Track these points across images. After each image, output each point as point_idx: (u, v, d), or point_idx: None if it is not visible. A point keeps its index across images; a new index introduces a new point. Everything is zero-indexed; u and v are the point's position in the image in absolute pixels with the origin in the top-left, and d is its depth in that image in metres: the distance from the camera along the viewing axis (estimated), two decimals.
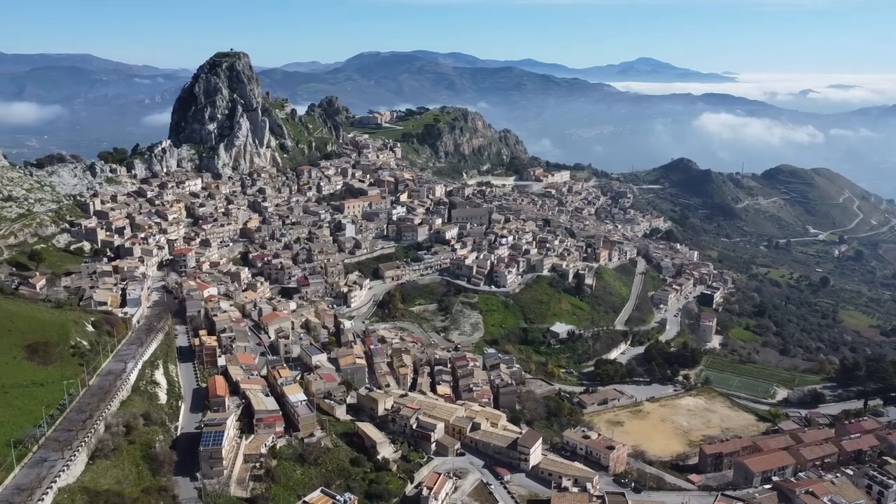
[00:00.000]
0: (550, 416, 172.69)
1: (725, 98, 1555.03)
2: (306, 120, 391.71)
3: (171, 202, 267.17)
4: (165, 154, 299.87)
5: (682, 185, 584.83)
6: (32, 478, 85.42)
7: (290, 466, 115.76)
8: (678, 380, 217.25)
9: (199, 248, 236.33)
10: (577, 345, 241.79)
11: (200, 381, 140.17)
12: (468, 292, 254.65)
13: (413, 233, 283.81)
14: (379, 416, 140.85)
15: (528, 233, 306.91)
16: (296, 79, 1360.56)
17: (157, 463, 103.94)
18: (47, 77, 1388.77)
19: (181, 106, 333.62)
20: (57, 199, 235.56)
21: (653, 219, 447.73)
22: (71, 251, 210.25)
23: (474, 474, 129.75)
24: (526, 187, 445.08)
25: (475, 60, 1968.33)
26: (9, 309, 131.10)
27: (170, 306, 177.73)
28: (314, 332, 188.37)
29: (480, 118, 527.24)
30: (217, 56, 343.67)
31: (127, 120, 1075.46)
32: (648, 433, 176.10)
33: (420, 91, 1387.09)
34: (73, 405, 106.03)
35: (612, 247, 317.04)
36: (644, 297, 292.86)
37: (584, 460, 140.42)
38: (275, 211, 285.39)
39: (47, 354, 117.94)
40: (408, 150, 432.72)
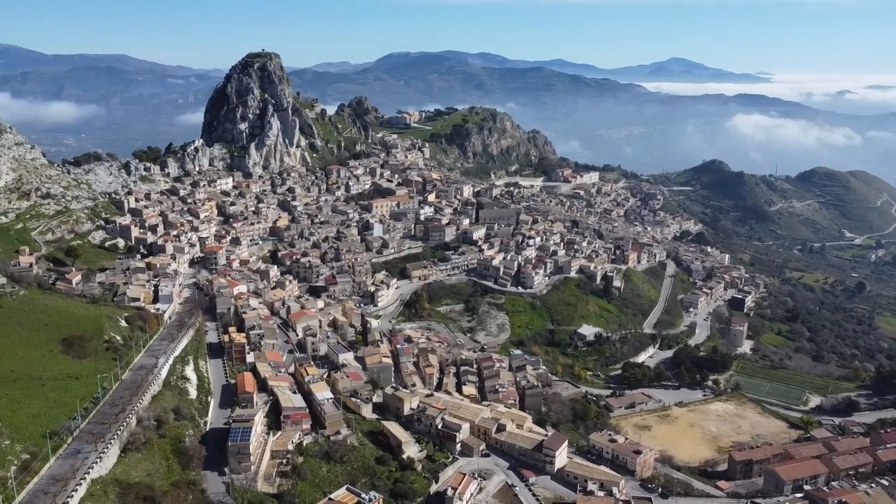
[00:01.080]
0: (576, 419, 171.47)
1: (759, 99, 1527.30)
2: (336, 120, 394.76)
3: (203, 200, 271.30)
4: (198, 153, 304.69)
5: (713, 187, 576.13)
6: (67, 469, 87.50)
7: (316, 464, 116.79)
8: (707, 385, 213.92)
9: (230, 246, 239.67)
10: (605, 347, 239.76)
11: (229, 377, 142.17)
12: (495, 293, 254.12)
13: (440, 233, 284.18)
14: (404, 416, 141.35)
15: (556, 234, 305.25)
16: (326, 79, 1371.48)
17: (186, 457, 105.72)
18: (85, 77, 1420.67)
19: (213, 106, 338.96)
20: (93, 196, 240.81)
21: (683, 221, 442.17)
22: (106, 248, 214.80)
23: (499, 476, 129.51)
24: (554, 188, 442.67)
25: (504, 61, 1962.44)
26: (46, 303, 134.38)
27: (200, 303, 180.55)
28: (341, 330, 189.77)
29: (509, 119, 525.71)
30: (249, 56, 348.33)
31: (161, 119, 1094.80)
32: (676, 438, 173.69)
33: (449, 91, 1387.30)
34: (107, 399, 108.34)
35: (641, 249, 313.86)
36: (673, 301, 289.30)
37: (610, 464, 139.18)
38: (304, 210, 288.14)
39: (82, 348, 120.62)
40: (436, 150, 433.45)
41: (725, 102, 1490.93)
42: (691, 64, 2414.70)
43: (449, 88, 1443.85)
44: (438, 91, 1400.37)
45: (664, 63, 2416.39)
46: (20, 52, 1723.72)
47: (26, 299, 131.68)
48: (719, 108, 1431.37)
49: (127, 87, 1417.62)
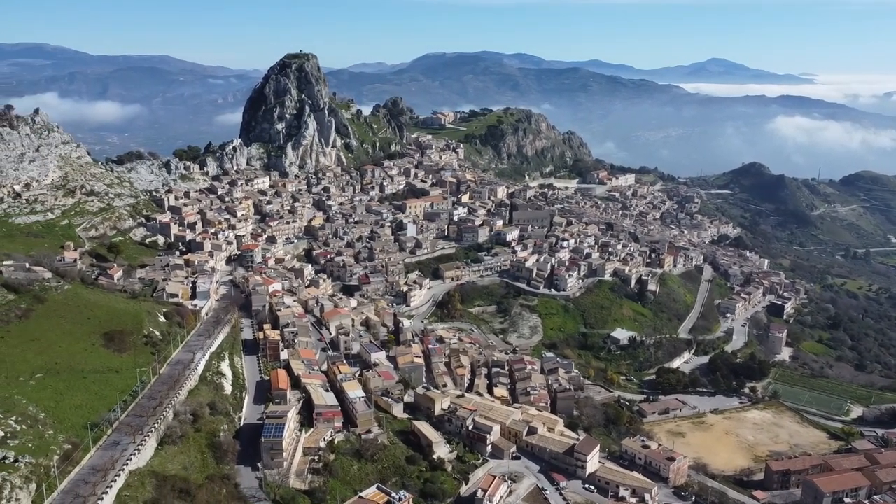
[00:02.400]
0: (609, 424, 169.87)
1: (802, 100, 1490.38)
2: (371, 120, 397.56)
3: (240, 199, 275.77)
4: (236, 152, 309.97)
5: (753, 190, 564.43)
6: (106, 460, 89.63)
7: (348, 461, 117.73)
8: (744, 392, 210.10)
9: (266, 245, 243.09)
10: (639, 352, 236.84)
11: (264, 373, 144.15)
12: (528, 295, 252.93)
13: (473, 234, 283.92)
14: (435, 416, 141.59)
15: (591, 236, 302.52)
16: (362, 79, 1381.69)
17: (220, 451, 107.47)
18: (129, 77, 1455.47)
19: (252, 106, 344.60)
20: (135, 194, 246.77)
21: (721, 225, 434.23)
22: (146, 244, 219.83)
23: (529, 479, 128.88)
24: (589, 190, 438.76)
25: (540, 61, 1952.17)
26: (89, 298, 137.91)
27: (236, 300, 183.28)
28: (374, 329, 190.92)
29: (544, 120, 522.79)
30: (287, 57, 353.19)
31: (201, 119, 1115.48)
32: (711, 446, 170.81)
33: (484, 92, 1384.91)
34: (145, 392, 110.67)
35: (678, 252, 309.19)
36: (710, 306, 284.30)
37: (642, 470, 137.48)
38: (338, 209, 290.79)
39: (122, 342, 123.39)
40: (470, 151, 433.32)
41: (766, 104, 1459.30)
42: (732, 65, 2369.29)
43: (484, 89, 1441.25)
44: (473, 92, 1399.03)
45: (704, 64, 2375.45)
46: (68, 53, 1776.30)
47: (70, 294, 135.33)
48: (760, 110, 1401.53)
49: (169, 87, 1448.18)
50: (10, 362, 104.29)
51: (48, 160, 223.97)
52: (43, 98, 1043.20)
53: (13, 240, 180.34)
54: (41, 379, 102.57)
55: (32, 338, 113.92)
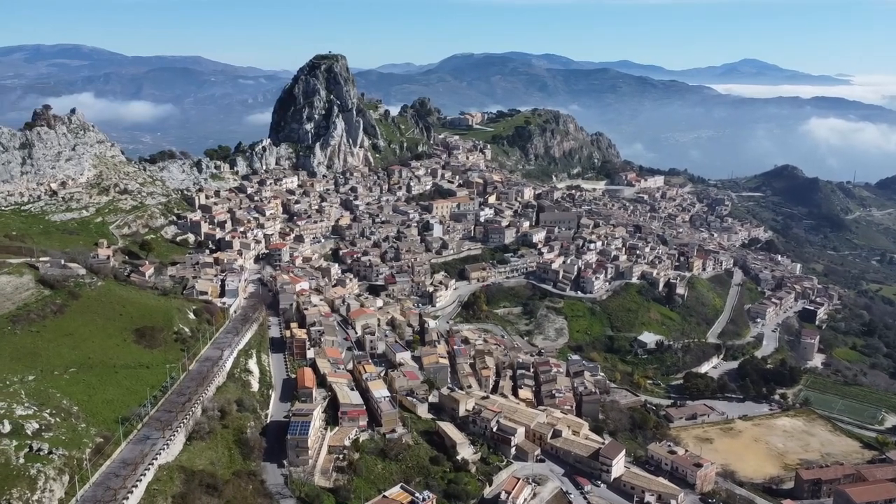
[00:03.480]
0: (635, 428, 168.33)
1: (837, 102, 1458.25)
2: (399, 120, 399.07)
3: (269, 198, 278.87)
4: (265, 152, 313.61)
5: (785, 193, 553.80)
6: (136, 454, 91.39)
7: (372, 460, 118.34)
8: (774, 399, 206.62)
9: (293, 244, 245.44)
10: (666, 356, 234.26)
11: (290, 371, 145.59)
12: (554, 297, 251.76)
13: (500, 235, 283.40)
14: (460, 417, 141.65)
15: (618, 239, 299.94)
16: (390, 80, 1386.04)
17: (247, 448, 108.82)
18: (162, 78, 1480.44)
19: (281, 106, 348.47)
20: (166, 192, 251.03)
21: (752, 228, 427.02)
22: (177, 242, 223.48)
23: (554, 482, 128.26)
24: (617, 192, 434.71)
25: (569, 62, 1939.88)
26: (121, 295, 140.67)
27: (264, 298, 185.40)
28: (399, 329, 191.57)
29: (572, 121, 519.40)
30: (316, 58, 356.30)
31: (231, 119, 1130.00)
32: (740, 453, 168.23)
33: (512, 93, 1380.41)
34: (174, 388, 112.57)
35: (707, 256, 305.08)
36: (740, 310, 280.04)
37: (668, 476, 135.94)
38: (365, 209, 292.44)
39: (153, 339, 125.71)
40: (497, 151, 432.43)
41: (800, 105, 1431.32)
42: (765, 65, 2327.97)
43: (512, 90, 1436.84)
44: (501, 92, 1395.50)
45: (736, 64, 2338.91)
46: (104, 54, 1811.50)
47: (103, 290, 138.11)
48: (793, 112, 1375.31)
49: (200, 87, 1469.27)
50: (45, 356, 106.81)
51: (84, 159, 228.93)
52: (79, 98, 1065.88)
53: (49, 237, 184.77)
54: (75, 373, 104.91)
55: (67, 333, 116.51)
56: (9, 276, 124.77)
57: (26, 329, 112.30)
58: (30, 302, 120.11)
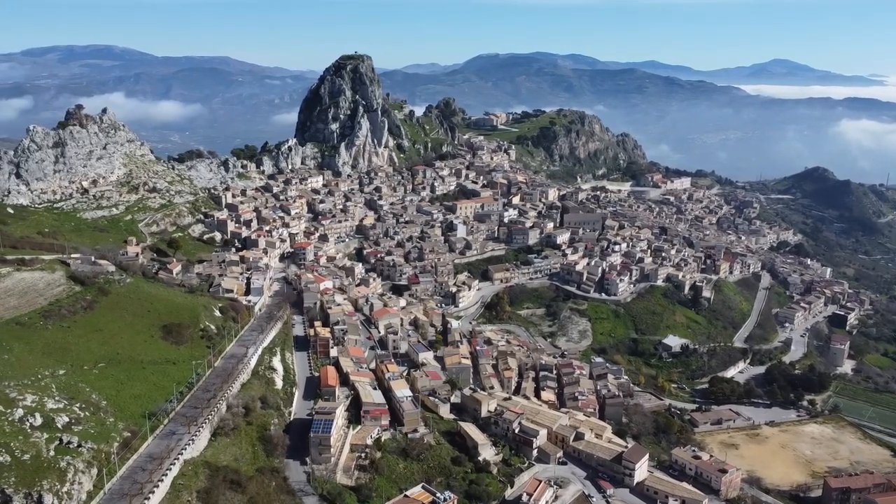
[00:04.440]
0: (658, 432, 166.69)
1: (871, 103, 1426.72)
2: (423, 121, 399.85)
3: (294, 198, 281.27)
4: (291, 152, 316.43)
5: (815, 195, 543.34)
6: (162, 448, 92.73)
7: (394, 459, 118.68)
8: (802, 405, 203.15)
9: (318, 243, 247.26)
10: (691, 360, 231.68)
11: (313, 370, 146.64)
12: (577, 298, 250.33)
13: (524, 236, 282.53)
14: (482, 418, 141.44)
15: (643, 240, 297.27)
16: (415, 80, 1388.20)
17: (271, 445, 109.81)
18: (191, 78, 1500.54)
19: (307, 106, 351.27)
20: (194, 191, 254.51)
21: (781, 231, 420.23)
22: (204, 240, 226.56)
23: (576, 485, 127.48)
24: (643, 193, 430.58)
25: (595, 62, 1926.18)
26: (149, 291, 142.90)
27: (289, 297, 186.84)
28: (422, 329, 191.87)
29: (598, 121, 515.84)
30: (342, 59, 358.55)
31: (258, 119, 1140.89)
32: (766, 459, 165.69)
33: (537, 93, 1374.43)
34: (200, 384, 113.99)
35: (734, 259, 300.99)
36: (767, 314, 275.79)
37: (692, 481, 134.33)
38: (389, 209, 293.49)
39: (180, 335, 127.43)
40: (522, 152, 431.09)
41: (832, 106, 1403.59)
42: (795, 66, 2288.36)
43: (537, 90, 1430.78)
44: (526, 93, 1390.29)
45: (766, 65, 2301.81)
46: (135, 54, 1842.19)
47: (132, 287, 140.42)
48: (825, 113, 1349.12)
49: (228, 87, 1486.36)
50: (75, 351, 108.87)
51: (114, 158, 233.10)
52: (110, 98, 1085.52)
53: (81, 234, 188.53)
54: (104, 368, 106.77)
55: (96, 328, 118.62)
56: (41, 272, 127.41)
57: (57, 324, 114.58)
58: (61, 298, 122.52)
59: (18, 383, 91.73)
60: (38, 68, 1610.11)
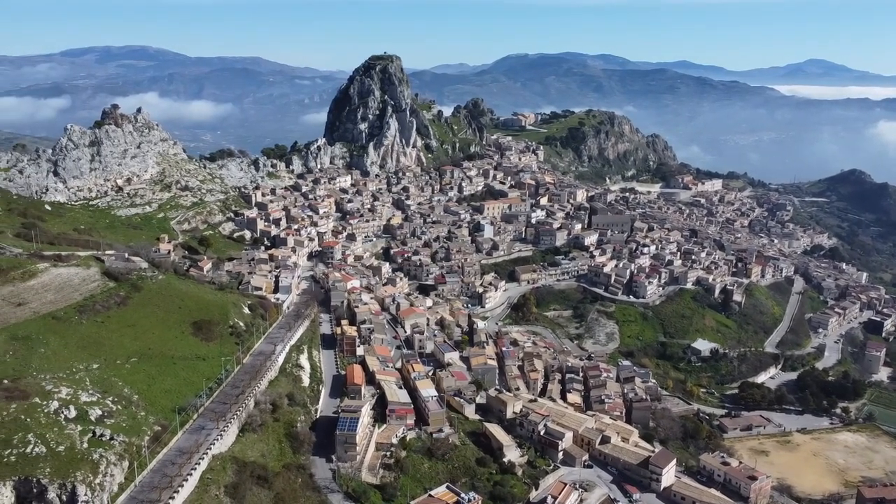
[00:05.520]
0: (686, 437, 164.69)
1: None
2: (451, 121, 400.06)
3: (323, 197, 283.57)
4: (320, 151, 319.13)
5: (851, 198, 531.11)
6: (192, 443, 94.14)
7: (419, 459, 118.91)
8: (835, 412, 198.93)
9: (346, 242, 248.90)
10: (721, 364, 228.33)
11: (340, 368, 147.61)
12: (605, 301, 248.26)
13: (551, 237, 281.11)
14: (507, 419, 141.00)
15: (673, 243, 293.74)
16: (443, 80, 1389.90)
17: (297, 441, 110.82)
18: (223, 78, 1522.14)
19: (336, 106, 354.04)
20: (225, 190, 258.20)
21: (815, 234, 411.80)
22: (234, 238, 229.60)
23: (601, 488, 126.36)
24: (673, 195, 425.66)
25: (625, 62, 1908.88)
26: (180, 288, 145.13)
27: (316, 295, 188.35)
28: (448, 329, 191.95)
29: (628, 122, 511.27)
30: (371, 59, 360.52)
31: (288, 118, 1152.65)
32: (797, 467, 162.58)
33: (566, 93, 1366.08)
34: (229, 380, 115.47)
35: (766, 262, 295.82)
36: (800, 320, 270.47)
37: (721, 488, 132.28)
38: (417, 209, 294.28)
39: (209, 332, 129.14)
40: (550, 153, 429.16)
41: (869, 107, 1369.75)
42: (832, 66, 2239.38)
43: (566, 90, 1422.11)
44: (555, 93, 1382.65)
45: (801, 65, 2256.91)
46: (169, 55, 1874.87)
47: (164, 283, 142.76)
48: (862, 114, 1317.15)
49: (259, 87, 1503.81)
50: (108, 346, 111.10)
51: (148, 156, 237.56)
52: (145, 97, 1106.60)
53: (115, 231, 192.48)
54: (136, 363, 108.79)
55: (129, 324, 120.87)
56: (77, 268, 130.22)
57: (92, 319, 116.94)
58: (95, 293, 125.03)
59: (54, 376, 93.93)
60: (76, 68, 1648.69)
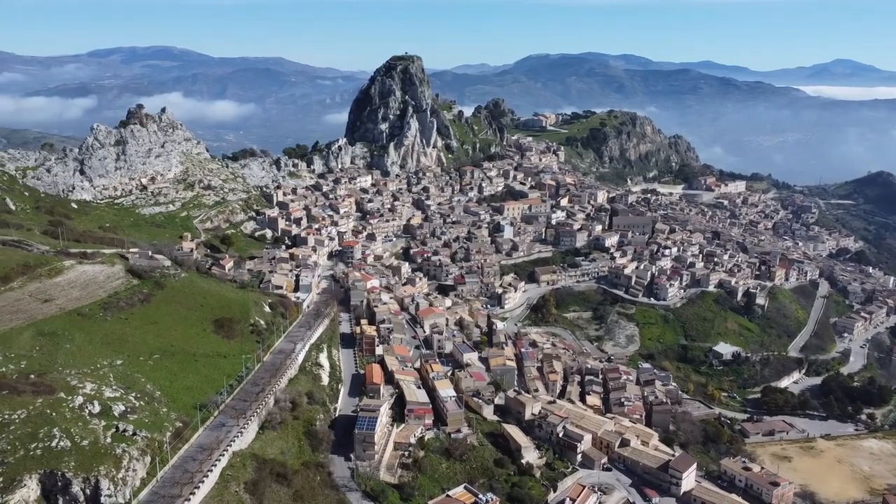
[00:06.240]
0: (707, 442, 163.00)
1: None
2: (472, 121, 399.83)
3: (343, 197, 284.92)
4: (341, 151, 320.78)
5: (879, 201, 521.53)
6: (212, 440, 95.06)
7: (437, 459, 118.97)
8: (861, 418, 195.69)
9: (365, 242, 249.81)
10: (743, 368, 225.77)
11: (359, 367, 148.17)
12: (625, 303, 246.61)
13: (571, 238, 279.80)
14: (525, 420, 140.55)
15: (695, 245, 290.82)
16: (464, 81, 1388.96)
17: (316, 440, 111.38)
18: (245, 78, 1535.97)
19: (357, 106, 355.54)
20: (246, 189, 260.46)
21: (841, 237, 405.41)
22: (255, 237, 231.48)
23: (620, 492, 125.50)
24: (695, 197, 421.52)
25: (648, 62, 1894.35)
26: (202, 286, 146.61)
27: (336, 294, 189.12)
28: (467, 330, 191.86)
29: (650, 123, 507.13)
30: (393, 59, 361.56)
31: (309, 118, 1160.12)
32: (821, 473, 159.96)
33: (588, 94, 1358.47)
34: (249, 378, 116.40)
35: (790, 265, 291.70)
36: (825, 324, 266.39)
37: (742, 494, 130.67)
38: (437, 209, 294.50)
39: (231, 330, 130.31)
40: (571, 153, 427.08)
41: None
42: (859, 66, 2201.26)
43: (588, 91, 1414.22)
44: (576, 93, 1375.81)
45: (828, 65, 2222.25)
46: (193, 55, 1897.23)
47: (186, 281, 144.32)
48: (890, 115, 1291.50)
49: (281, 87, 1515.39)
50: (132, 342, 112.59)
51: (172, 156, 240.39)
52: (169, 97, 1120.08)
53: (139, 229, 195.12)
54: (158, 359, 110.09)
55: (152, 321, 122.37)
56: (102, 265, 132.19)
57: (116, 316, 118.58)
58: (120, 290, 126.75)
59: (79, 371, 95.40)
60: (103, 69, 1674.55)
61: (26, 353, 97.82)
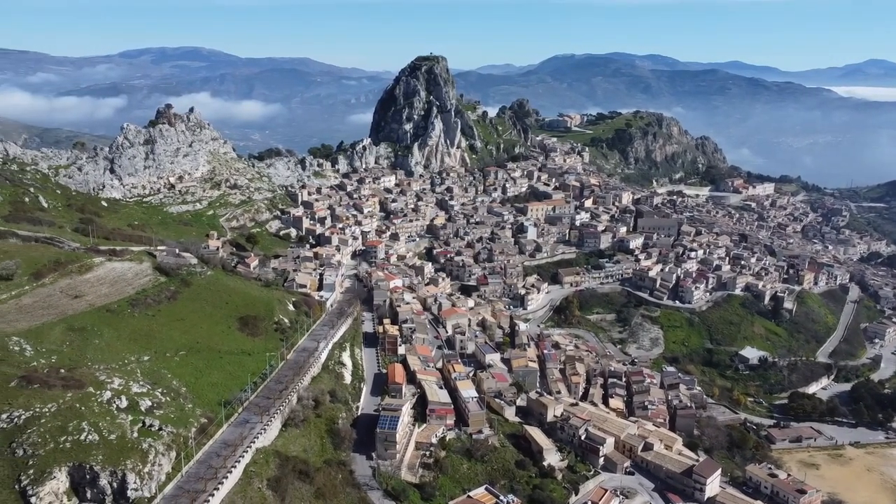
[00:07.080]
0: (732, 447, 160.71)
1: None
2: (496, 122, 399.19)
3: (367, 196, 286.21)
4: (365, 151, 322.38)
5: None
6: (236, 436, 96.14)
7: (458, 459, 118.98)
8: (892, 426, 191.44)
9: (389, 241, 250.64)
10: (770, 373, 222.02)
11: (381, 366, 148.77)
12: (650, 305, 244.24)
13: (595, 239, 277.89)
14: (547, 423, 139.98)
15: (721, 247, 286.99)
16: (489, 81, 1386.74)
17: (338, 438, 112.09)
18: (272, 78, 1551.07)
19: (382, 106, 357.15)
20: (272, 188, 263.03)
21: (872, 241, 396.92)
22: (280, 236, 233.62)
23: (643, 496, 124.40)
24: (722, 199, 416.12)
25: (675, 63, 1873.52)
26: (228, 284, 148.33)
27: (359, 294, 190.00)
28: (489, 330, 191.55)
29: (676, 124, 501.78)
30: (417, 59, 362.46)
31: (334, 118, 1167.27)
32: (849, 482, 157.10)
33: (613, 94, 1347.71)
34: (273, 375, 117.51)
35: (820, 269, 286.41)
36: (855, 329, 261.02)
37: (768, 501, 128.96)
38: (460, 210, 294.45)
39: (255, 327, 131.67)
40: (596, 154, 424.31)
41: None
42: (894, 66, 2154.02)
43: (613, 91, 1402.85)
44: (602, 94, 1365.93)
45: (860, 65, 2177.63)
46: (221, 56, 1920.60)
47: (212, 279, 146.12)
48: None
49: (307, 87, 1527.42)
50: (159, 339, 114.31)
51: (199, 155, 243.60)
52: (197, 97, 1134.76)
53: (166, 227, 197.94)
54: (184, 356, 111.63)
55: (178, 318, 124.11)
56: (130, 262, 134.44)
57: (143, 312, 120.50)
58: (147, 287, 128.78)
59: (107, 367, 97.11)
60: (133, 69, 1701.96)
61: (57, 347, 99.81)
